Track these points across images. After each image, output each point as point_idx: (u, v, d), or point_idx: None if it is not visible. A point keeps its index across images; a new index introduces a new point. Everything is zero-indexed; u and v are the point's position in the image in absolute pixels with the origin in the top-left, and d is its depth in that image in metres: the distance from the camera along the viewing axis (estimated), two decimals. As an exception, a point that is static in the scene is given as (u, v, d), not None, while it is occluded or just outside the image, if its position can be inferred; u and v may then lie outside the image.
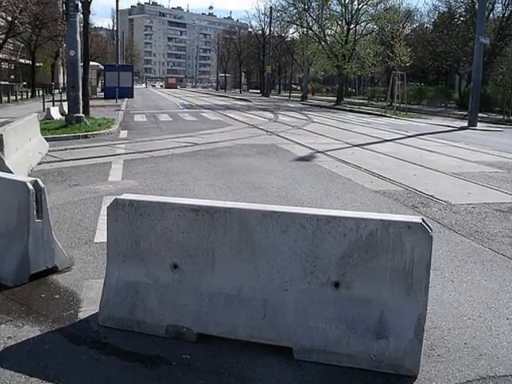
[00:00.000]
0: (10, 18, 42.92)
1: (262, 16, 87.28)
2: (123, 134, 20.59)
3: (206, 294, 4.50)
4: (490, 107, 42.01)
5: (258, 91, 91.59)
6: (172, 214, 4.54)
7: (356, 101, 62.95)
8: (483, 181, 12.29)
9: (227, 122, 27.44)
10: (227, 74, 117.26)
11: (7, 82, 51.45)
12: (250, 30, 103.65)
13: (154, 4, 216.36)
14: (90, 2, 24.69)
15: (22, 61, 63.90)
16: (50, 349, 4.35)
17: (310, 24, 58.35)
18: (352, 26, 55.83)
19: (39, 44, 53.39)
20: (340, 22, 56.92)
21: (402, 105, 39.78)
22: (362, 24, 57.83)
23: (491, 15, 48.29)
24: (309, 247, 4.20)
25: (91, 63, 35.55)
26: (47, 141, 15.93)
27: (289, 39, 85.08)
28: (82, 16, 24.21)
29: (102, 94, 55.35)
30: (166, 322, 4.55)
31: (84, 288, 5.57)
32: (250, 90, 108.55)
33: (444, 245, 7.25)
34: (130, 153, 15.48)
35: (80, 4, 21.83)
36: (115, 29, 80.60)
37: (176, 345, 4.44)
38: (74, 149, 15.92)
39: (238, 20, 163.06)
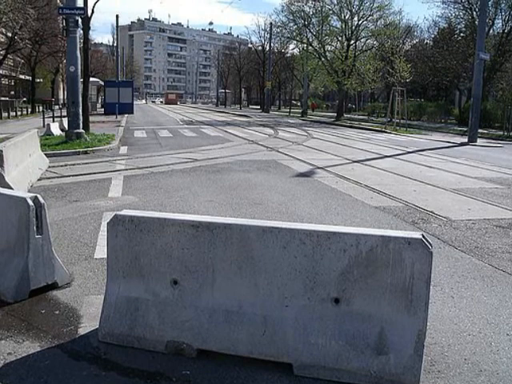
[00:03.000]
0: (10, 34, 43.22)
1: (262, 32, 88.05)
2: (123, 149, 20.63)
3: (206, 310, 4.50)
4: (490, 123, 42.18)
5: (258, 107, 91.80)
6: (172, 229, 4.55)
7: (356, 117, 63.12)
8: (483, 197, 12.29)
9: (227, 138, 27.50)
10: (227, 90, 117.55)
11: (7, 98, 51.86)
12: (250, 45, 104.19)
13: (154, 20, 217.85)
14: (90, 18, 24.90)
15: (22, 77, 64.29)
16: (50, 365, 4.35)
17: (310, 40, 58.58)
18: (352, 41, 56.01)
19: (39, 60, 53.71)
20: (340, 38, 57.15)
21: (402, 121, 39.89)
22: (362, 40, 58.07)
23: (491, 31, 48.40)
24: (309, 263, 4.21)
25: (91, 79, 35.81)
26: (47, 157, 15.98)
27: (289, 55, 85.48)
28: (82, 32, 24.42)
29: (102, 109, 55.60)
30: (166, 337, 4.54)
31: (84, 304, 5.57)
32: (250, 106, 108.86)
33: (444, 261, 7.26)
34: (130, 169, 15.51)
35: (80, 20, 21.93)
36: (115, 45, 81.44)
37: (176, 361, 4.43)
38: (73, 165, 15.97)
39: (238, 36, 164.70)
